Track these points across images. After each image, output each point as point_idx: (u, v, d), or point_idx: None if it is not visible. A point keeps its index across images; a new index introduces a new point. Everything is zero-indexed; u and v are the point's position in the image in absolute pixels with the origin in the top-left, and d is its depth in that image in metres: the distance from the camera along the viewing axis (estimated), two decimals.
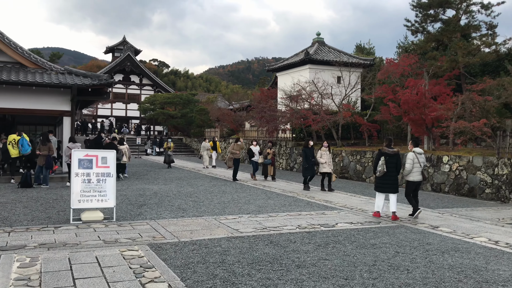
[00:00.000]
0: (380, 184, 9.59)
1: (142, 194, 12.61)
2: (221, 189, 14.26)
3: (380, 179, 9.53)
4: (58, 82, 16.01)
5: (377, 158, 9.60)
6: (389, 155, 9.46)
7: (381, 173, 9.38)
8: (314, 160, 14.48)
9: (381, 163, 9.35)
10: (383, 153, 9.50)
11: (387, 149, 9.57)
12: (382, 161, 9.34)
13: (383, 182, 9.51)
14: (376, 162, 9.54)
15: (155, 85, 63.73)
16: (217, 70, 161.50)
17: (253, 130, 32.25)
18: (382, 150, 9.58)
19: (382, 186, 9.55)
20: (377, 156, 9.69)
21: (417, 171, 9.69)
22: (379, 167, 9.41)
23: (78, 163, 8.55)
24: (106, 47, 68.53)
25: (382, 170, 9.38)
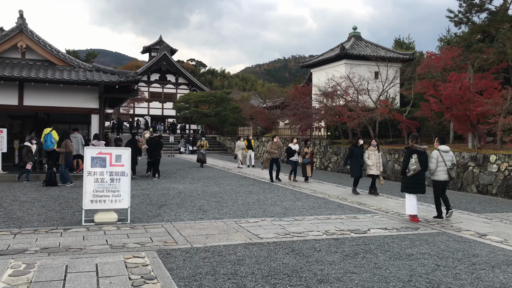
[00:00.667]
0: (410, 185, 8.90)
1: (165, 194, 12.13)
2: (248, 189, 13.60)
3: (410, 179, 8.85)
4: (85, 79, 15.83)
5: (407, 157, 8.91)
6: (419, 153, 8.84)
7: (415, 172, 8.73)
8: (362, 160, 13.02)
9: (415, 161, 8.73)
10: (415, 151, 8.85)
11: (418, 146, 8.96)
12: (416, 159, 8.73)
13: (414, 182, 8.85)
14: (407, 160, 8.87)
15: (191, 84, 64.00)
16: (254, 69, 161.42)
17: (286, 128, 31.45)
18: (413, 148, 8.92)
19: (413, 187, 8.87)
20: (407, 154, 8.98)
21: (442, 170, 9.07)
22: (413, 166, 8.73)
23: (91, 162, 8.09)
24: (143, 47, 69.47)
25: (417, 169, 8.71)
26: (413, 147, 8.95)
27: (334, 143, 23.83)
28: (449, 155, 9.21)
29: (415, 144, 8.99)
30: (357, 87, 22.86)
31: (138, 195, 11.74)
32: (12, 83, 15.67)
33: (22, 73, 15.22)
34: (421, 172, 8.84)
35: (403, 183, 9.08)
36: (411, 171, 8.75)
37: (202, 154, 22.61)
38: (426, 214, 9.77)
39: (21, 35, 16.39)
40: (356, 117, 20.79)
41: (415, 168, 8.70)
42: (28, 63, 16.75)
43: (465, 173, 14.93)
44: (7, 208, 9.35)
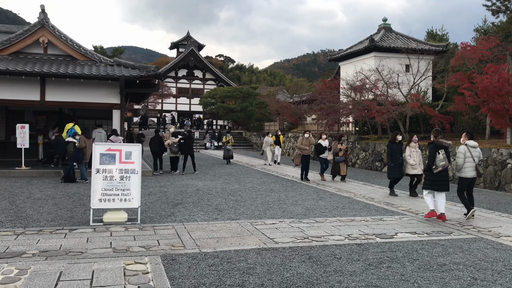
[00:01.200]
0: (433, 182, 8.43)
1: (183, 192, 11.71)
2: (269, 187, 13.04)
3: (434, 175, 8.37)
4: (105, 74, 15.59)
5: (433, 152, 8.39)
6: (445, 148, 8.44)
7: (444, 167, 8.27)
8: (401, 158, 11.88)
9: (443, 157, 8.26)
10: (441, 146, 8.41)
11: (444, 141, 8.56)
12: (443, 154, 8.28)
13: (437, 179, 8.38)
14: (432, 156, 8.37)
15: (218, 80, 63.78)
16: (282, 64, 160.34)
17: (312, 123, 30.68)
18: (438, 143, 8.44)
19: (436, 184, 8.42)
20: (432, 149, 8.47)
21: (470, 167, 8.62)
22: (441, 162, 8.24)
23: (100, 158, 7.71)
24: (171, 43, 69.79)
25: (446, 165, 8.27)
26: (438, 142, 8.45)
27: (362, 138, 22.95)
28: (476, 151, 8.74)
29: (440, 139, 8.51)
30: (387, 81, 21.90)
31: (155, 193, 11.37)
32: (34, 79, 15.60)
33: (43, 68, 15.11)
34: (447, 169, 8.40)
35: (427, 180, 8.58)
36: (439, 167, 8.25)
37: (227, 150, 21.80)
38: (460, 217, 8.97)
39: (42, 30, 16.31)
40: (385, 112, 19.90)
41: (444, 164, 8.21)
42: (50, 58, 16.67)
43: (503, 171, 13.90)
44: (19, 205, 9.12)
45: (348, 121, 25.03)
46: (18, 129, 15.63)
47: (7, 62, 15.48)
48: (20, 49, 16.33)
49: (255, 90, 47.89)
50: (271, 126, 39.25)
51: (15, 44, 16.10)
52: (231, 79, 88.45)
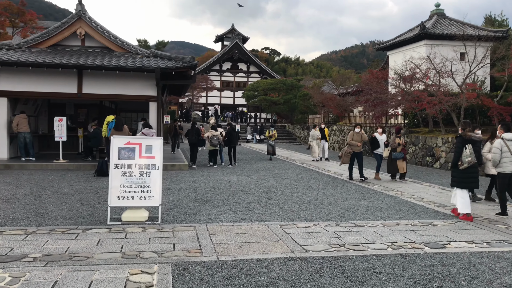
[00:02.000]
0: (463, 179, 7.84)
1: (214, 187, 11.08)
2: (307, 184, 12.16)
3: (463, 172, 7.78)
4: (141, 65, 15.23)
5: (459, 147, 7.80)
6: (473, 142, 7.84)
7: (470, 164, 7.67)
8: None
9: (469, 152, 7.67)
10: (469, 140, 7.79)
11: (473, 134, 7.95)
12: (470, 149, 7.68)
13: (467, 176, 7.81)
14: (459, 151, 7.78)
15: (262, 72, 63.09)
16: (330, 56, 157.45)
17: (358, 115, 29.31)
18: (466, 137, 7.83)
19: (466, 181, 7.84)
20: (459, 144, 7.86)
21: (509, 161, 8.01)
22: (467, 158, 7.66)
23: (118, 153, 7.16)
24: (215, 36, 69.85)
25: (472, 161, 7.65)
26: (466, 135, 7.83)
27: (412, 132, 21.48)
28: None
29: (468, 132, 7.87)
30: (439, 69, 20.28)
31: (185, 188, 10.81)
32: (71, 71, 15.50)
33: (79, 60, 14.95)
34: (475, 165, 7.78)
35: (454, 177, 8.02)
36: (464, 163, 7.66)
37: (271, 145, 20.11)
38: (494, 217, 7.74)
39: (80, 22, 16.17)
40: (437, 103, 18.40)
41: (470, 160, 7.63)
42: (87, 50, 16.54)
43: None
44: (42, 201, 8.80)
45: (396, 113, 23.58)
46: (56, 122, 15.59)
47: (46, 54, 15.46)
48: (58, 42, 16.30)
49: (300, 82, 46.82)
50: (315, 119, 38.11)
51: (53, 36, 16.07)
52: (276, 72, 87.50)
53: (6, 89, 15.37)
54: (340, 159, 13.38)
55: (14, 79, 15.39)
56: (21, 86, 15.46)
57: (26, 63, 14.40)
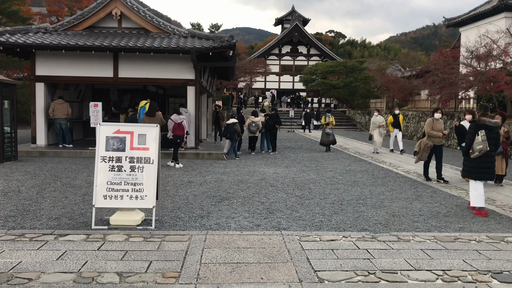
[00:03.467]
0: (475, 169, 7.05)
1: (242, 181, 9.73)
2: (353, 179, 10.44)
3: (475, 161, 7.04)
4: (176, 46, 14.13)
5: (472, 133, 7.06)
6: (489, 128, 6.98)
7: (482, 152, 6.88)
8: None
9: (482, 139, 6.90)
10: (482, 126, 6.99)
11: (487, 119, 7.02)
12: (483, 136, 6.90)
13: (480, 166, 7.01)
14: (471, 138, 7.05)
15: (323, 55, 60.65)
16: (399, 38, 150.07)
17: (423, 99, 26.57)
18: (480, 122, 7.03)
19: (480, 172, 7.03)
20: (471, 130, 7.12)
21: None
22: (479, 145, 6.90)
23: (106, 143, 6.01)
24: (275, 19, 68.03)
25: (483, 149, 6.86)
26: (480, 120, 7.03)
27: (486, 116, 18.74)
28: None
29: (482, 117, 7.03)
30: None
31: (209, 181, 9.56)
32: (106, 54, 14.77)
33: (112, 42, 14.14)
34: (490, 153, 6.97)
35: (465, 166, 7.30)
36: (476, 151, 6.93)
37: (327, 134, 16.87)
38: None
39: (115, 2, 15.34)
40: None
41: (482, 148, 6.87)
42: (123, 32, 15.72)
43: None
44: (43, 195, 7.93)
45: (467, 96, 20.81)
46: (91, 107, 14.96)
47: (80, 37, 14.83)
48: (94, 24, 15.61)
49: (362, 65, 43.94)
50: (378, 103, 35.51)
51: (88, 18, 15.39)
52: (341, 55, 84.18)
53: (43, 73, 14.97)
54: (415, 156, 10.30)
55: (51, 64, 14.94)
56: (57, 70, 14.99)
57: (58, 46, 13.82)
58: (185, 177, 10.06)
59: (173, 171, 10.99)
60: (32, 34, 14.73)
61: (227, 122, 15.14)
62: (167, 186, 8.90)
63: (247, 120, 16.25)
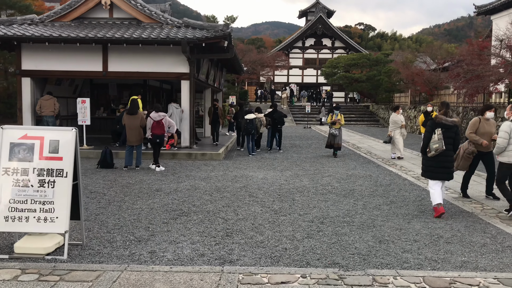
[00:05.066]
0: (432, 168, 6.81)
1: (220, 189, 8.46)
2: (350, 187, 8.99)
3: (432, 160, 6.77)
4: (165, 37, 12.95)
5: (429, 131, 6.78)
6: (447, 127, 6.67)
7: (438, 151, 6.62)
8: None
9: (438, 137, 6.62)
10: (439, 124, 6.71)
11: (444, 117, 6.73)
12: (440, 135, 6.60)
13: (436, 165, 6.75)
14: (428, 136, 6.77)
15: (348, 48, 58.46)
16: (432, 30, 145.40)
17: (449, 93, 24.54)
18: (437, 120, 6.77)
19: (435, 171, 6.78)
20: (429, 127, 6.82)
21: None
22: (435, 144, 6.64)
23: (10, 151, 4.85)
24: (299, 11, 66.40)
25: (440, 148, 6.59)
26: (437, 118, 6.80)
27: None
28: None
29: (440, 115, 6.83)
30: None
31: (181, 190, 8.35)
32: (94, 47, 13.74)
33: (98, 34, 13.09)
34: (447, 153, 6.73)
35: (423, 165, 7.05)
36: (432, 150, 6.70)
37: (333, 135, 14.01)
38: None
39: None
40: None
41: (437, 147, 6.64)
42: (114, 23, 14.66)
43: None
44: None
45: (496, 90, 18.81)
46: (79, 103, 14.07)
47: (67, 28, 13.85)
48: (83, 14, 14.60)
49: (388, 57, 41.69)
50: (402, 98, 33.46)
51: (76, 8, 14.39)
52: (370, 48, 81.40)
53: (29, 68, 14.05)
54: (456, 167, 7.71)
55: (37, 57, 14.03)
56: (44, 64, 14.07)
57: (40, 38, 12.87)
58: (157, 184, 8.88)
59: (148, 176, 9.83)
60: (16, 26, 13.85)
61: (246, 117, 14.29)
62: (127, 196, 7.74)
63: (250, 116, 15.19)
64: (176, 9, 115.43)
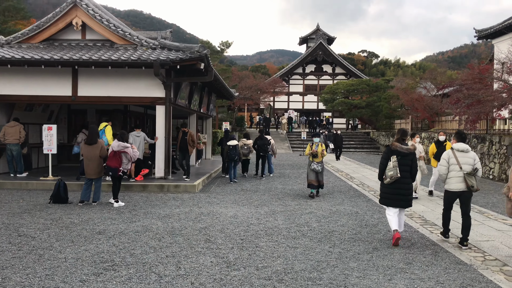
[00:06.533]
0: (388, 195, 6.70)
1: (175, 231, 7.20)
2: (330, 228, 7.70)
3: (389, 187, 6.64)
4: (136, 59, 11.96)
5: (385, 158, 6.69)
6: (402, 154, 6.59)
7: (393, 179, 6.51)
8: None
9: (393, 165, 6.55)
10: (394, 151, 6.64)
11: (398, 145, 6.65)
12: (395, 162, 6.56)
13: (392, 193, 6.64)
14: (384, 163, 6.68)
15: (349, 74, 57.76)
16: (435, 57, 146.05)
17: (450, 120, 23.35)
18: (392, 147, 6.69)
19: (391, 198, 6.65)
20: (384, 155, 6.74)
21: (456, 176, 6.60)
22: (390, 171, 6.53)
23: None
24: (299, 38, 65.94)
25: (394, 175, 6.49)
26: (393, 145, 6.68)
27: None
28: (468, 157, 6.65)
29: (395, 142, 6.70)
30: None
31: (127, 232, 7.10)
32: (63, 70, 12.82)
33: (64, 56, 12.12)
34: (403, 180, 6.57)
35: (380, 192, 6.85)
36: (387, 177, 6.57)
37: (314, 172, 10.98)
38: None
39: (75, 10, 13.42)
40: None
41: (392, 174, 6.50)
42: (87, 44, 13.75)
43: None
44: None
45: (500, 117, 17.62)
46: (45, 130, 12.97)
47: (34, 50, 12.93)
48: (53, 35, 13.71)
49: (389, 83, 40.72)
50: (402, 125, 32.33)
51: (45, 29, 13.50)
52: (374, 74, 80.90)
53: None
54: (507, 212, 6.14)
55: (1, 81, 13.09)
56: (7, 89, 13.13)
57: (1, 61, 11.92)
58: (103, 225, 7.65)
59: (99, 214, 8.61)
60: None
61: (229, 143, 14.07)
62: (58, 241, 6.50)
63: (239, 143, 14.51)
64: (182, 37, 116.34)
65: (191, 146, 12.80)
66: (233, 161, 14.09)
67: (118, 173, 9.37)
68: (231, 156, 13.94)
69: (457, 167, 6.60)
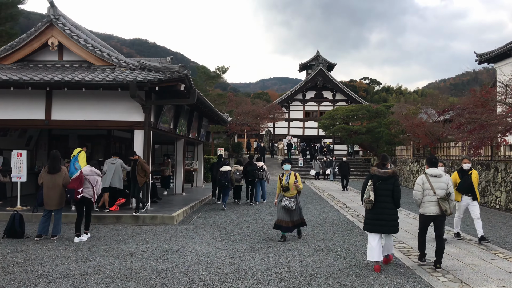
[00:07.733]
0: (369, 220, 6.61)
1: (130, 273, 6.15)
2: (314, 269, 6.61)
3: (370, 212, 6.59)
4: (111, 80, 11.13)
5: (365, 183, 6.72)
6: (382, 179, 6.53)
7: (366, 201, 6.50)
8: None
9: (367, 188, 6.52)
10: (373, 176, 6.62)
11: (376, 169, 6.65)
12: (370, 185, 6.52)
13: (373, 218, 6.54)
14: (364, 188, 6.69)
15: (349, 100, 57.12)
16: (437, 85, 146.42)
17: (453, 146, 22.33)
18: (371, 171, 6.69)
19: (372, 223, 6.55)
20: (365, 180, 6.75)
21: (430, 201, 6.66)
22: (365, 195, 6.54)
23: None
24: (299, 64, 65.78)
25: (366, 198, 6.49)
26: (371, 170, 6.70)
27: None
28: (441, 182, 6.68)
29: (374, 167, 6.73)
30: None
31: (73, 275, 6.05)
32: (36, 92, 12.01)
33: (34, 77, 11.31)
34: (384, 205, 6.50)
35: (364, 218, 6.80)
36: (363, 202, 6.59)
37: (286, 210, 8.72)
38: None
39: (51, 30, 12.70)
40: None
41: (365, 197, 6.52)
42: (64, 65, 12.97)
43: None
44: None
45: (505, 142, 16.60)
46: (14, 157, 12.09)
47: (6, 70, 12.14)
48: (28, 56, 12.95)
49: (390, 109, 39.88)
50: (404, 151, 31.32)
51: (19, 49, 12.75)
52: (376, 101, 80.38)
53: None
54: None
55: None
56: None
57: None
58: (49, 266, 6.60)
59: (52, 251, 7.57)
60: None
61: (221, 169, 13.76)
62: None
63: (232, 168, 13.80)
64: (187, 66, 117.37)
65: (140, 176, 11.13)
66: (223, 188, 13.81)
67: (76, 195, 8.38)
68: (221, 182, 13.66)
69: (431, 191, 6.67)
